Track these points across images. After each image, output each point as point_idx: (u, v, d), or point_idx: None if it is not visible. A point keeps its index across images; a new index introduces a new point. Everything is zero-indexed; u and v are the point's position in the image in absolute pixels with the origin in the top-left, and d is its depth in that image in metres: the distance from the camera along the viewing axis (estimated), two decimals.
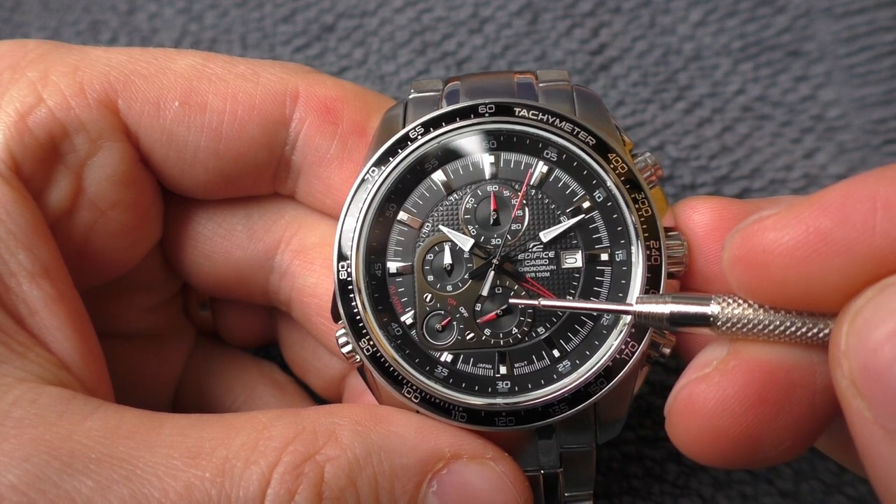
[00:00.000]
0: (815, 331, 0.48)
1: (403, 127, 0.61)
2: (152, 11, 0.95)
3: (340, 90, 0.64)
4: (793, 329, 0.49)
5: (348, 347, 0.60)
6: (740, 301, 0.50)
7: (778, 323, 0.49)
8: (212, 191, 0.66)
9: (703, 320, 0.51)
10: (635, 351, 0.58)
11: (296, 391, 0.78)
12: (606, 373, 0.58)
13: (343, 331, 0.60)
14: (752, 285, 0.49)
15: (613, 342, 0.58)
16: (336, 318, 0.60)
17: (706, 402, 0.51)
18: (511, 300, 0.59)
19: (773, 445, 0.51)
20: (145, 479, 0.50)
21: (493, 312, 0.60)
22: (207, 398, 0.76)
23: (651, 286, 0.58)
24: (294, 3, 0.93)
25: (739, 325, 0.50)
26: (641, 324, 0.55)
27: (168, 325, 0.76)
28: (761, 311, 0.49)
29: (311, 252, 0.67)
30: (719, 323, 0.50)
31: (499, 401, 0.58)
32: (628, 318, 0.57)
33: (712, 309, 0.51)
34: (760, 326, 0.49)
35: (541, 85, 0.62)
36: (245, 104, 0.62)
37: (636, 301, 0.54)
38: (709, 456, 0.52)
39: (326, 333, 0.66)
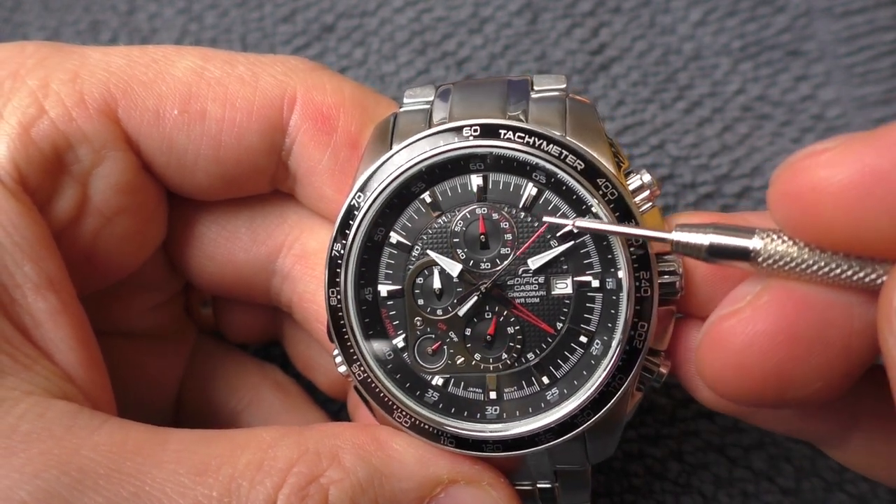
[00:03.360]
0: (860, 275, 0.46)
1: (391, 141, 0.60)
2: (152, 11, 0.95)
3: (338, 96, 0.63)
4: (837, 271, 0.47)
5: (344, 368, 0.60)
6: (785, 238, 0.48)
7: (823, 264, 0.47)
8: (214, 193, 0.67)
9: (744, 254, 0.49)
10: (623, 383, 0.57)
11: (298, 393, 0.78)
12: (593, 405, 0.57)
13: (338, 351, 0.60)
14: (799, 224, 0.46)
15: (601, 374, 0.57)
16: (332, 339, 0.61)
17: (735, 337, 0.49)
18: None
19: (802, 386, 0.48)
20: (153, 495, 0.50)
21: (491, 327, 0.60)
22: (211, 399, 0.77)
23: (640, 318, 0.56)
24: (294, 3, 0.93)
25: (781, 263, 0.48)
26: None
27: (171, 325, 0.76)
28: (806, 249, 0.47)
29: (312, 258, 0.67)
30: (760, 259, 0.48)
31: (487, 428, 0.58)
32: (616, 352, 0.56)
33: (754, 243, 0.48)
34: (803, 266, 0.47)
35: (534, 96, 0.60)
36: (243, 111, 0.62)
37: (675, 228, 0.51)
38: (736, 393, 0.50)
39: (327, 338, 0.66)
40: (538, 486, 0.62)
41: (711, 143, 0.85)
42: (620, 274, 0.57)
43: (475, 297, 0.59)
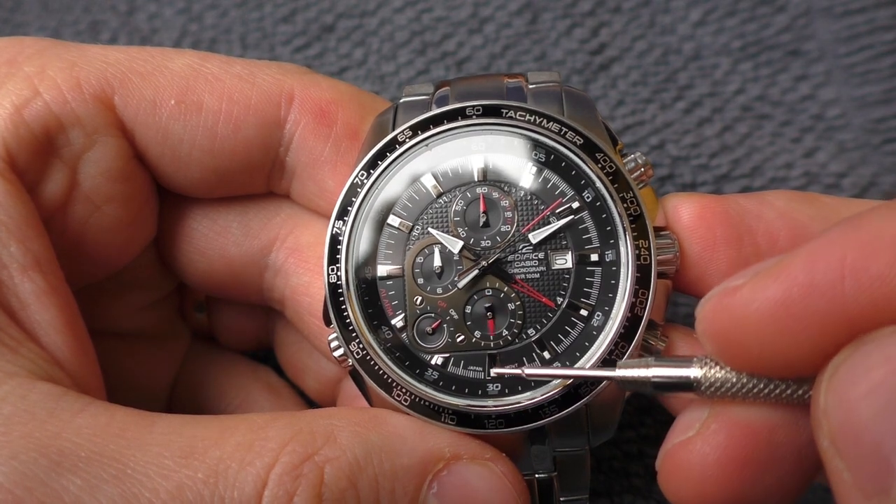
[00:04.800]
0: (799, 392, 0.48)
1: (393, 127, 0.61)
2: (152, 11, 0.95)
3: (336, 92, 0.64)
4: (777, 391, 0.48)
5: (340, 351, 0.60)
6: (721, 364, 0.50)
7: (762, 386, 0.49)
8: (206, 189, 0.66)
9: (686, 385, 0.51)
10: (626, 352, 0.57)
11: (290, 396, 0.77)
12: None
13: (335, 335, 0.60)
14: (729, 356, 0.48)
15: (603, 343, 0.57)
16: (327, 322, 0.60)
17: (690, 467, 0.51)
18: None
19: (765, 499, 0.51)
20: (135, 478, 0.50)
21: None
22: (202, 401, 0.76)
23: (640, 286, 0.57)
24: (294, 3, 0.93)
25: (723, 389, 0.50)
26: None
27: (163, 326, 0.76)
28: (744, 374, 0.49)
29: (306, 251, 0.67)
30: (703, 388, 0.50)
31: (488, 403, 0.58)
32: (618, 320, 0.57)
33: (694, 372, 0.50)
34: (744, 390, 0.49)
35: (530, 87, 0.62)
36: (241, 104, 0.62)
37: (618, 366, 0.53)
38: None
39: (318, 333, 0.66)
40: (537, 476, 0.61)
41: (711, 143, 0.85)
42: (621, 244, 0.58)
43: (476, 271, 0.59)
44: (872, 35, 0.84)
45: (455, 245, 0.60)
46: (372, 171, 0.60)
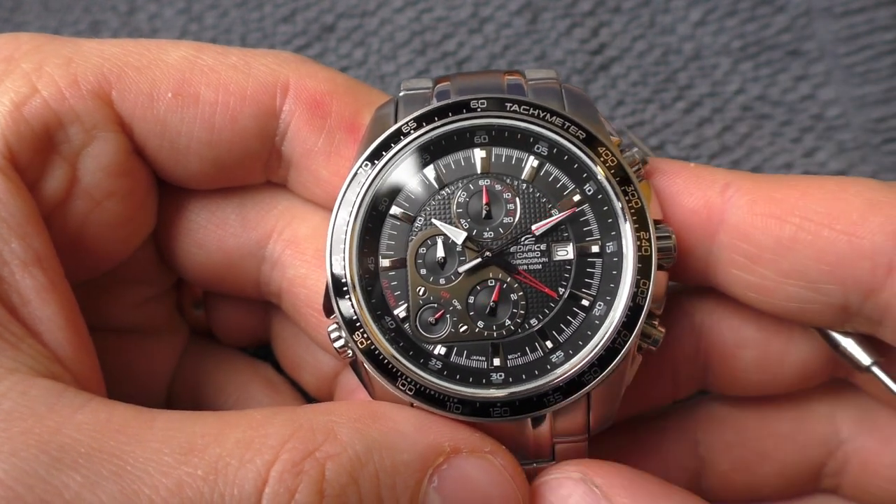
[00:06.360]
0: None
1: (396, 117, 0.62)
2: (152, 11, 0.95)
3: (331, 84, 0.64)
4: None
5: (340, 342, 0.60)
6: None
7: None
8: (205, 181, 0.66)
9: None
10: (627, 340, 0.58)
11: (289, 391, 0.77)
12: (600, 362, 0.58)
13: (335, 325, 0.60)
14: None
15: (606, 332, 0.58)
16: (329, 312, 0.60)
17: None
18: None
19: None
20: (135, 475, 0.49)
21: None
22: (201, 397, 0.76)
23: (642, 276, 0.58)
24: (294, 3, 0.94)
25: None
26: None
27: (161, 321, 0.76)
28: None
29: (303, 243, 0.67)
30: None
31: (493, 391, 0.58)
32: (621, 310, 0.58)
33: None
34: None
35: (530, 83, 0.63)
36: (237, 95, 0.62)
37: None
38: None
39: (315, 325, 0.66)
40: (535, 465, 0.61)
41: (711, 143, 0.85)
42: (622, 236, 0.59)
43: (479, 259, 0.60)
44: (872, 35, 0.85)
45: (459, 236, 0.60)
46: (375, 162, 0.60)
